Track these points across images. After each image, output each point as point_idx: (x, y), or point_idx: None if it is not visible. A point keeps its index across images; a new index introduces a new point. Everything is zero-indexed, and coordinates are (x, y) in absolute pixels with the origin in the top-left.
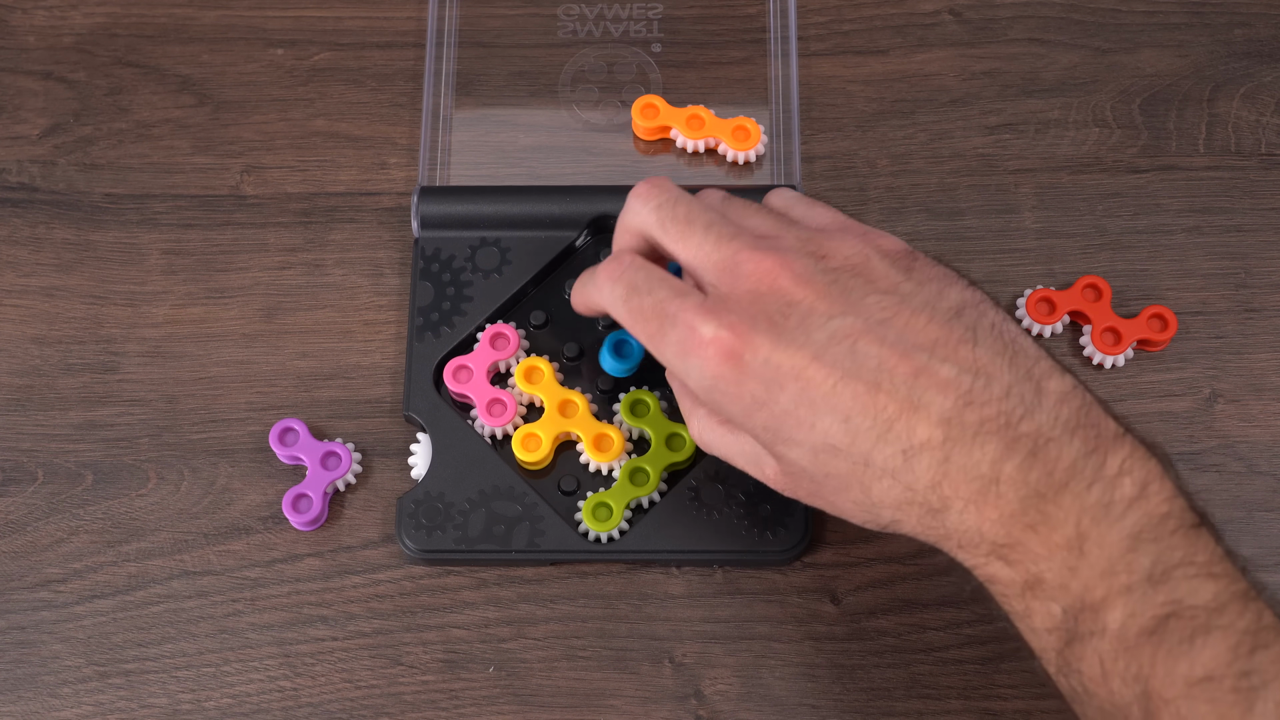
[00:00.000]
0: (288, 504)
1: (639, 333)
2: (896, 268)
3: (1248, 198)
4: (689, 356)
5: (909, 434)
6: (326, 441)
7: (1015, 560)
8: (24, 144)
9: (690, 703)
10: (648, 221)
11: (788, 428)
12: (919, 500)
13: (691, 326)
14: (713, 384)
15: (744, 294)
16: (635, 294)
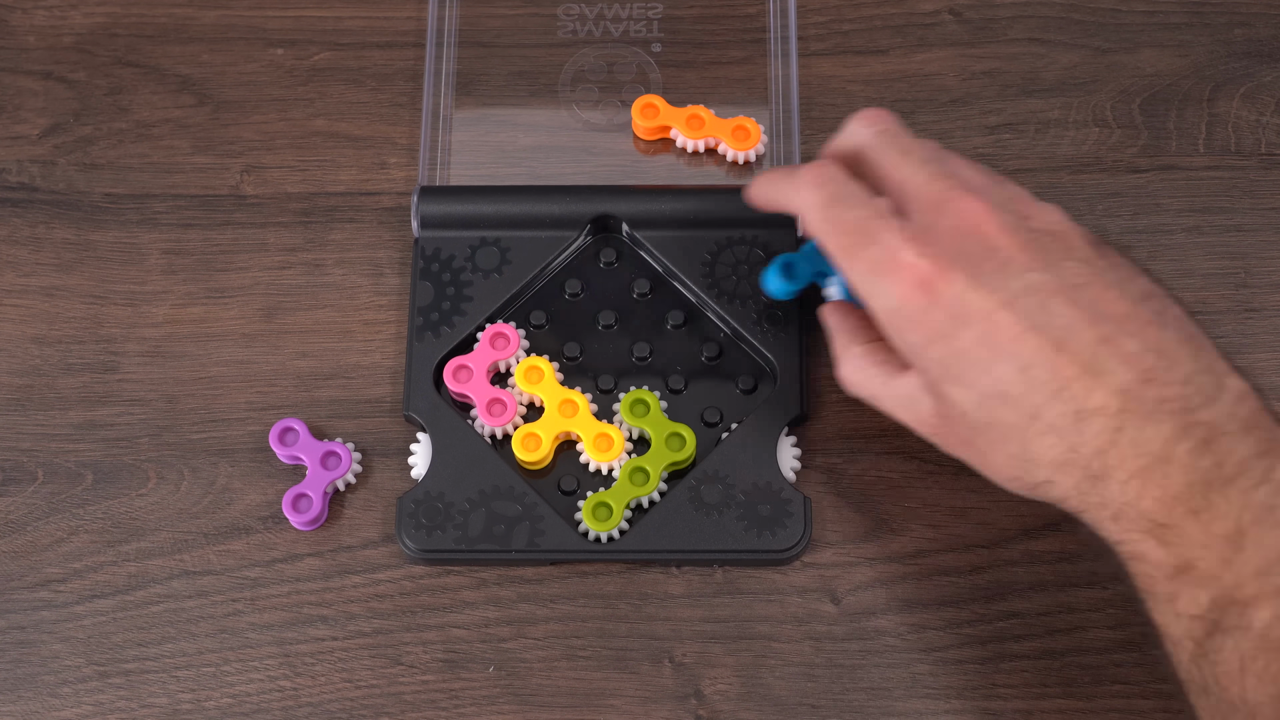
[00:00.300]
0: (288, 504)
1: (831, 243)
2: (1091, 244)
3: (1248, 198)
4: (882, 277)
5: (1085, 396)
6: (326, 441)
7: (1170, 542)
8: (24, 144)
9: (690, 703)
10: (866, 141)
11: (963, 366)
12: (1081, 464)
13: (892, 249)
14: (899, 307)
15: (948, 229)
16: (837, 203)
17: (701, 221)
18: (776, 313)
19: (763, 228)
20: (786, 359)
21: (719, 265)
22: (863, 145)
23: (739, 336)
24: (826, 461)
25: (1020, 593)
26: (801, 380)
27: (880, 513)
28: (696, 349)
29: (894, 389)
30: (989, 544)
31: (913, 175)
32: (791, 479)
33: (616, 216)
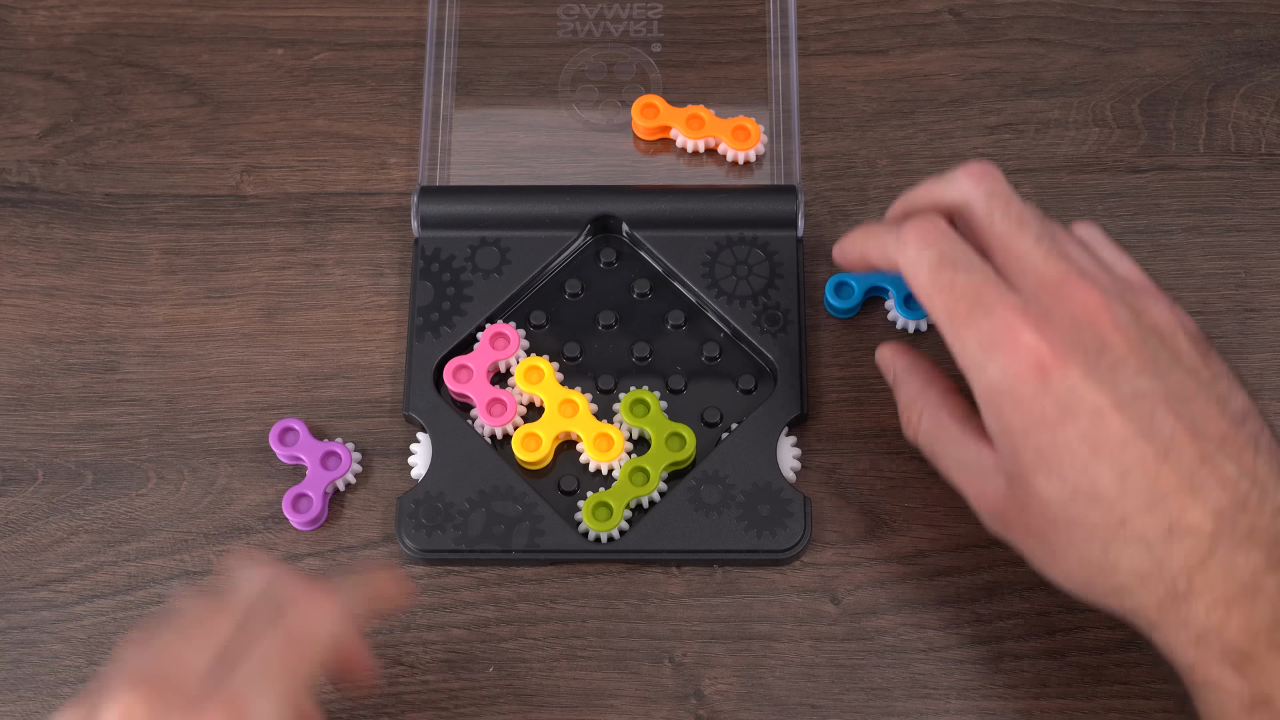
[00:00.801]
0: (287, 504)
1: (940, 306)
2: (1197, 350)
3: (1248, 198)
4: (996, 351)
5: (1180, 512)
6: (326, 441)
7: (1249, 674)
8: (24, 144)
9: (690, 703)
10: (975, 202)
11: (1060, 458)
12: (1167, 580)
13: (1011, 325)
14: (1011, 386)
15: (1065, 316)
16: (949, 267)
17: (701, 221)
18: (776, 313)
19: (763, 228)
20: (786, 359)
21: (719, 265)
22: (970, 205)
23: (739, 336)
24: (826, 461)
25: (1020, 593)
26: (801, 380)
27: (880, 513)
28: (696, 349)
29: (966, 455)
30: (989, 544)
31: (1029, 251)
32: (791, 479)
33: (616, 216)
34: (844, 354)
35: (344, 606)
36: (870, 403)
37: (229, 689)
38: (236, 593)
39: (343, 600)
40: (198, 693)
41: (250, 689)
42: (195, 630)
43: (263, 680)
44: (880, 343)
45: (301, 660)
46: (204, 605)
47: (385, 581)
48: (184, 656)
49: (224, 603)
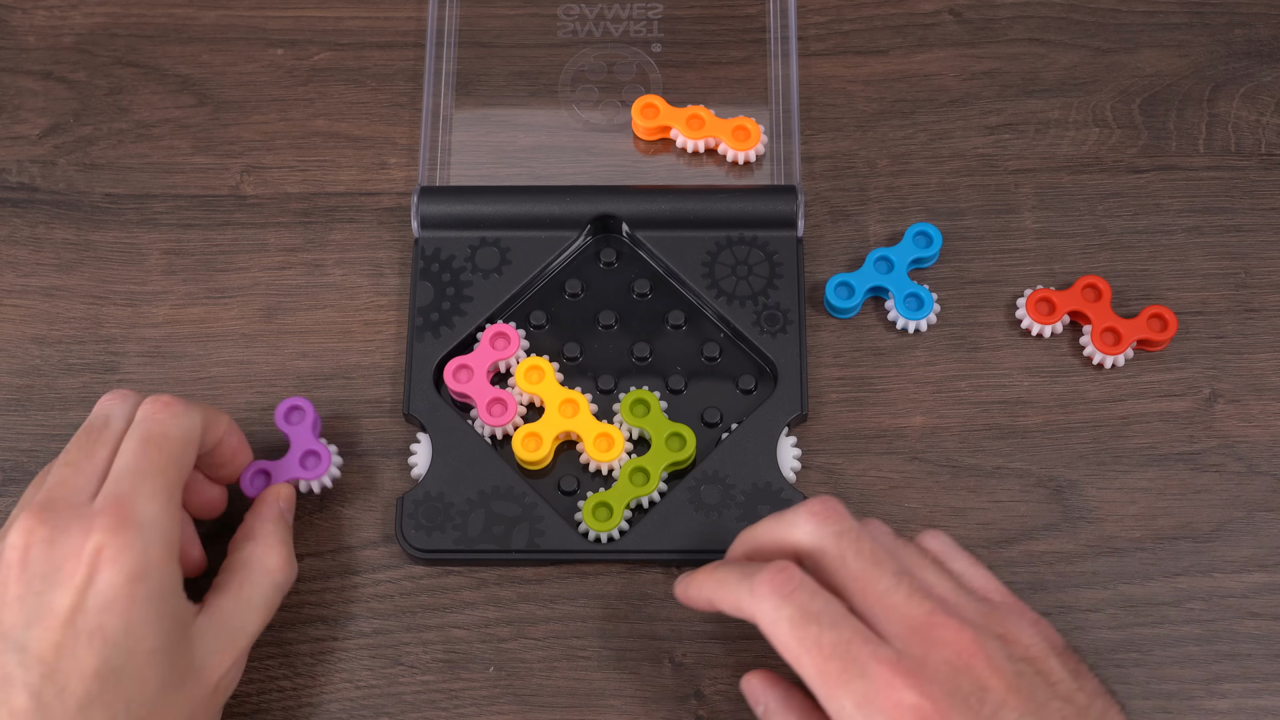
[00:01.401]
0: (246, 477)
1: (807, 664)
2: (1067, 670)
3: (1248, 198)
4: (876, 714)
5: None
6: (319, 440)
7: None
8: (24, 144)
9: (690, 703)
10: (824, 545)
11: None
12: None
13: (888, 684)
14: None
15: (939, 664)
16: (812, 623)
17: (701, 221)
18: (776, 313)
19: (763, 228)
20: (786, 359)
21: (719, 265)
22: (819, 548)
23: (739, 336)
24: (826, 461)
25: (1020, 593)
26: (801, 380)
27: (880, 513)
28: (696, 349)
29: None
30: (989, 544)
31: (889, 591)
32: (791, 479)
33: (616, 216)
34: (844, 354)
35: (191, 406)
36: (870, 403)
37: (110, 495)
38: (108, 422)
39: (189, 403)
40: (86, 505)
41: (128, 490)
42: (76, 458)
43: (137, 480)
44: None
45: (165, 458)
46: (83, 438)
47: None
48: (70, 480)
49: (98, 432)
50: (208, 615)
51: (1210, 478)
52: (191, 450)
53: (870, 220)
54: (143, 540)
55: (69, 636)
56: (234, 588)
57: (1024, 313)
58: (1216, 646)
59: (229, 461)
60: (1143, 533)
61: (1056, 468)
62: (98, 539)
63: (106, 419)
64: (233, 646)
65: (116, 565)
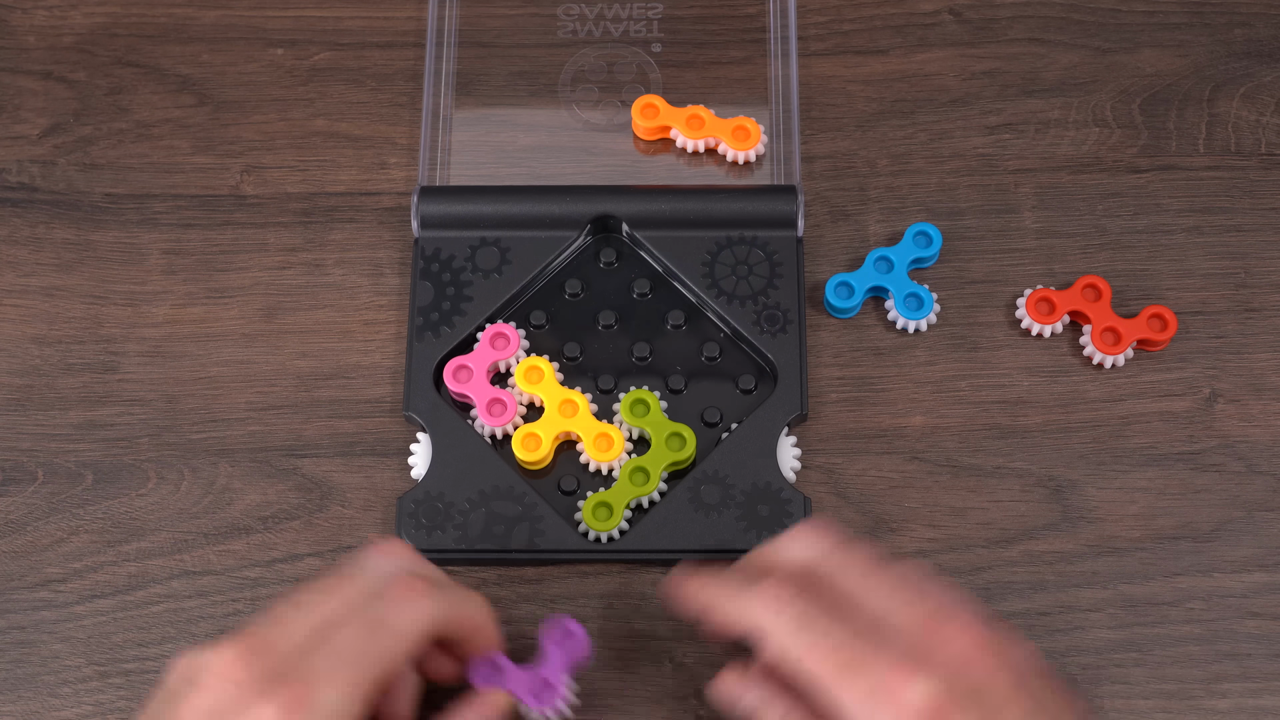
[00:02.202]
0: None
1: (816, 666)
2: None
3: (1248, 198)
4: (882, 707)
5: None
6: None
7: None
8: (24, 144)
9: (690, 703)
10: (822, 560)
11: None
12: None
13: (891, 679)
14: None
15: (944, 661)
16: (812, 624)
17: (701, 221)
18: (776, 313)
19: (763, 228)
20: (786, 359)
21: (719, 265)
22: (818, 562)
23: (739, 336)
24: (826, 461)
25: (1020, 593)
26: (801, 380)
27: (880, 513)
28: (696, 349)
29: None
30: (989, 544)
31: (891, 595)
32: (791, 479)
33: (616, 216)
34: (844, 354)
35: (438, 594)
36: (870, 403)
37: (302, 670)
38: (356, 574)
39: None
40: (279, 668)
41: (321, 674)
42: (306, 602)
43: (336, 666)
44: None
45: (380, 650)
46: (327, 582)
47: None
48: (290, 626)
49: (342, 582)
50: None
51: (1210, 478)
52: (416, 647)
53: (870, 220)
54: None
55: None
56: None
57: (1024, 312)
58: (1216, 646)
59: (472, 647)
60: (1143, 533)
61: (1056, 467)
62: (269, 712)
63: (361, 567)
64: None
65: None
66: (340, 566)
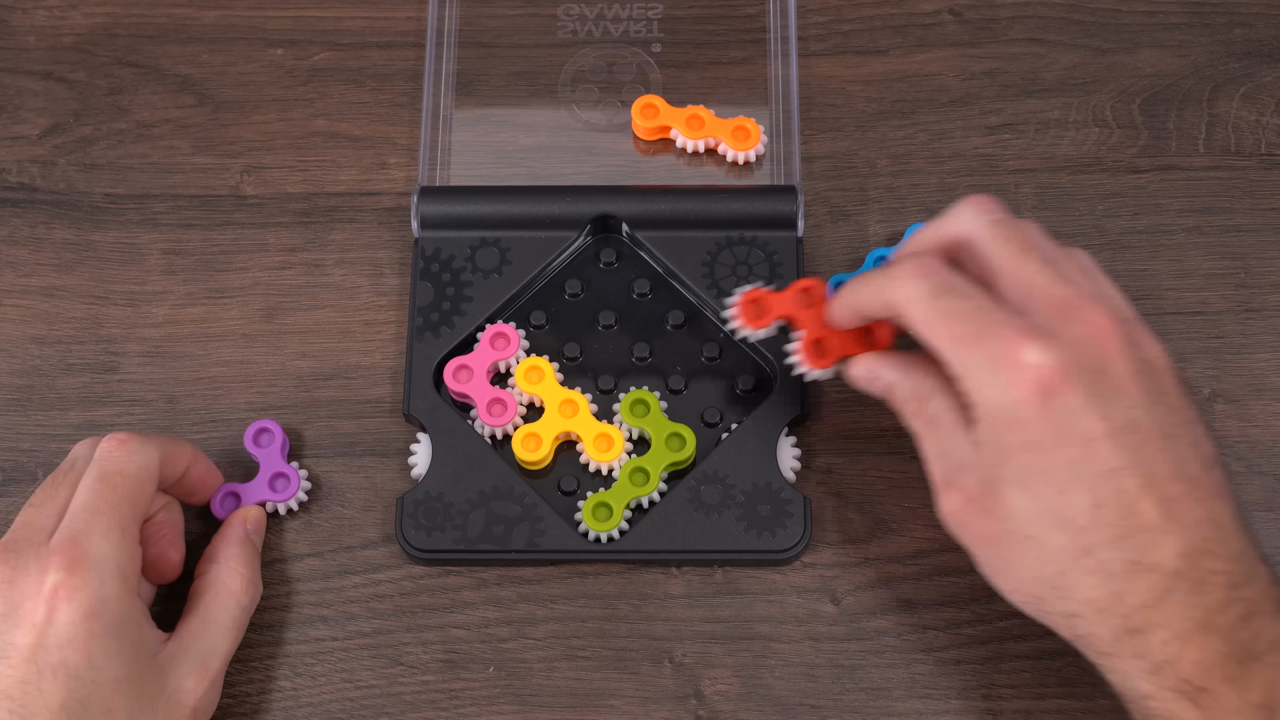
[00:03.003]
0: (215, 500)
1: (941, 331)
2: (1182, 391)
3: (1248, 198)
4: (1001, 371)
5: (1147, 550)
6: (288, 462)
7: (1205, 705)
8: (24, 144)
9: (690, 703)
10: (980, 231)
11: (1040, 479)
12: (1123, 613)
13: (1015, 345)
14: (1011, 406)
15: (1071, 337)
16: (948, 292)
17: (701, 221)
18: None
19: (763, 228)
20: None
21: (719, 265)
22: (974, 235)
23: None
24: (826, 461)
25: None
26: (801, 380)
27: (880, 513)
28: (696, 349)
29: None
30: None
31: (1037, 274)
32: (791, 479)
33: (616, 216)
34: None
35: (148, 441)
36: (870, 403)
37: (65, 533)
38: (73, 464)
39: (147, 438)
40: (44, 545)
41: (82, 532)
42: (40, 499)
43: (90, 518)
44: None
45: (120, 495)
46: (49, 481)
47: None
48: (32, 521)
49: (63, 474)
50: (176, 641)
51: None
52: (148, 485)
53: (870, 220)
54: (98, 576)
55: (32, 673)
56: (200, 611)
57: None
58: None
59: (198, 488)
60: None
61: None
62: (53, 578)
63: (72, 461)
64: (205, 670)
65: (73, 602)
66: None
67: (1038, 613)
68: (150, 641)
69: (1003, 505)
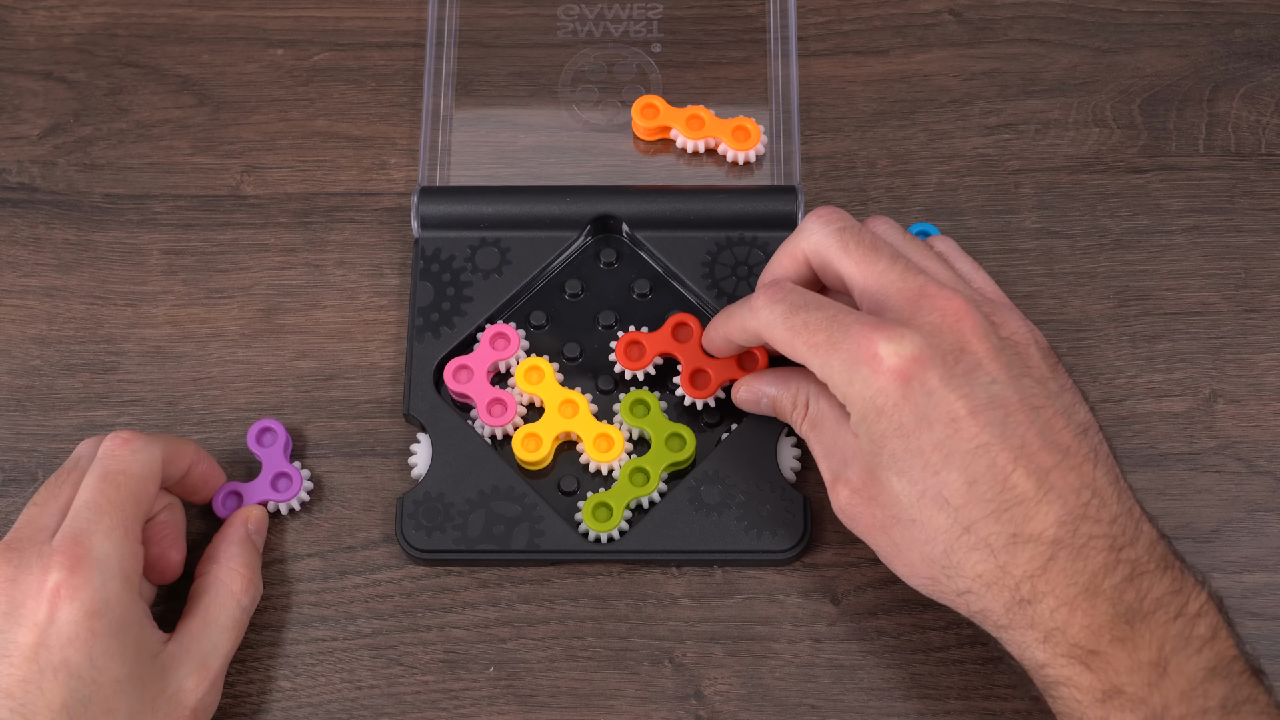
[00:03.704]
0: (218, 500)
1: (803, 345)
2: (1047, 362)
3: (1248, 198)
4: (860, 367)
5: (1025, 521)
6: (291, 462)
7: (1098, 668)
8: (24, 144)
9: (690, 703)
10: (827, 243)
11: (913, 464)
12: (1010, 585)
13: (869, 340)
14: (873, 397)
15: (925, 324)
16: (802, 309)
17: (701, 221)
18: None
19: (763, 228)
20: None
21: (719, 265)
22: (821, 248)
23: None
24: None
25: None
26: None
27: None
28: None
29: (838, 441)
30: None
31: (885, 272)
32: (791, 479)
33: (616, 216)
34: None
35: (152, 440)
36: None
37: (67, 532)
38: (76, 462)
39: (150, 438)
40: (47, 544)
41: (84, 527)
42: (43, 498)
43: (93, 517)
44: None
45: (123, 494)
46: (52, 480)
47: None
48: (35, 520)
49: (67, 473)
50: (177, 641)
51: (1210, 478)
52: (151, 484)
53: None
54: (100, 576)
55: (34, 672)
56: (200, 612)
57: (614, 358)
58: None
59: (200, 487)
60: None
61: None
62: (55, 577)
63: (76, 460)
64: (205, 669)
65: (75, 601)
66: (56, 470)
67: (934, 593)
68: (151, 641)
69: (885, 492)
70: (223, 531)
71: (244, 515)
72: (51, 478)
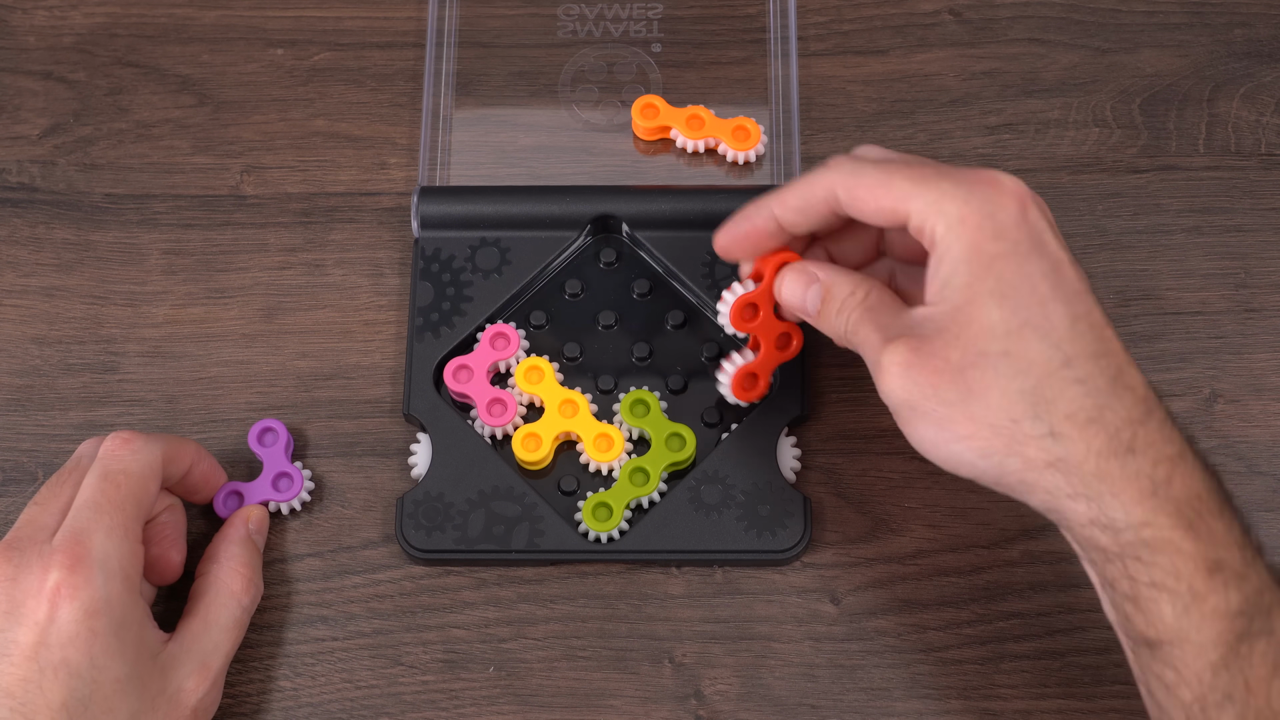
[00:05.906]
0: (219, 500)
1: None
2: None
3: (1248, 198)
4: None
5: (1121, 372)
6: (292, 462)
7: (1201, 535)
8: (24, 144)
9: (690, 703)
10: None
11: (1020, 288)
12: (1109, 429)
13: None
14: (995, 212)
15: None
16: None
17: (701, 221)
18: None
19: None
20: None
21: (719, 265)
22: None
23: (739, 337)
24: (826, 461)
25: (1020, 593)
26: (801, 380)
27: (880, 513)
28: (696, 349)
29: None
30: (989, 544)
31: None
32: (791, 479)
33: (616, 216)
34: (844, 354)
35: (152, 440)
36: (870, 403)
37: (68, 532)
38: (78, 462)
39: (151, 438)
40: (47, 543)
41: (85, 527)
42: (44, 497)
43: (93, 516)
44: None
45: (123, 493)
46: (53, 479)
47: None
48: (36, 519)
49: (68, 473)
50: (177, 641)
51: None
52: (152, 484)
53: None
54: (100, 575)
55: (34, 671)
56: (201, 611)
57: None
58: None
59: (201, 487)
60: None
61: None
62: (56, 576)
63: (77, 460)
64: (205, 669)
65: (75, 601)
66: (58, 470)
67: (998, 451)
68: (151, 641)
69: (974, 325)
70: (223, 531)
71: (245, 515)
72: (52, 477)
